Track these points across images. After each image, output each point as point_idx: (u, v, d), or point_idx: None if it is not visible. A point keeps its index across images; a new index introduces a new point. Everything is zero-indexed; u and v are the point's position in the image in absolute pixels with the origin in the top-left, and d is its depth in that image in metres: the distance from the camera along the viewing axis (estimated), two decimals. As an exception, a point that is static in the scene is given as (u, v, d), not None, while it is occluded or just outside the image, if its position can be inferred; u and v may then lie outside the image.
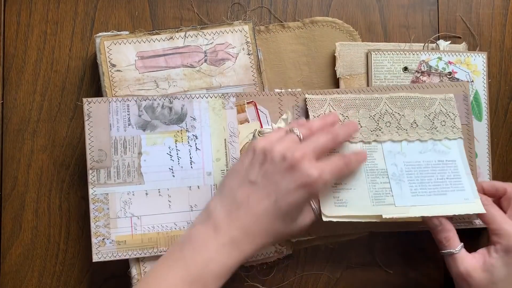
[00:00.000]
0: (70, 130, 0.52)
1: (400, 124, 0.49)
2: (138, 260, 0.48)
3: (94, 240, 0.47)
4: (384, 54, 0.53)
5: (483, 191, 0.48)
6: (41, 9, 0.53)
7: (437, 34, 0.56)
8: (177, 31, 0.51)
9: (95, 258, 0.47)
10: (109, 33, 0.50)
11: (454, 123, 0.50)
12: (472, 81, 0.54)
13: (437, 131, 0.49)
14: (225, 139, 0.50)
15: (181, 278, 0.39)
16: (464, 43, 0.56)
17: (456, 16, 0.57)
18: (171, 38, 0.51)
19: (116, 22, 0.53)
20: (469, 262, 0.44)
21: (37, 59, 0.52)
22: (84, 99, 0.48)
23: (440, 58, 0.53)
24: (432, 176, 0.48)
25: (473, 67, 0.54)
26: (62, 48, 0.53)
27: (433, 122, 0.49)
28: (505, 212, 0.46)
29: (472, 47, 0.56)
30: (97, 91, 0.52)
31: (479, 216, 0.46)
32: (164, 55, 0.51)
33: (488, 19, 0.57)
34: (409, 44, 0.54)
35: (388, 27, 0.56)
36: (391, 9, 0.56)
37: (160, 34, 0.51)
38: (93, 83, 0.53)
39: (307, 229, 0.44)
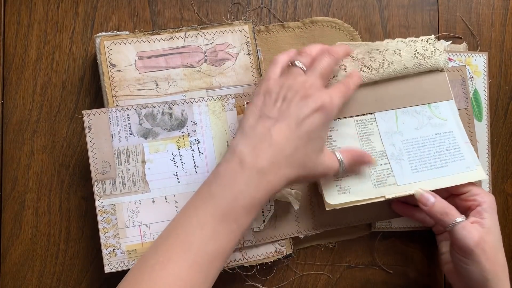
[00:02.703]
0: (70, 130, 0.52)
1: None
2: None
3: (104, 251, 0.47)
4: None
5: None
6: (41, 9, 0.53)
7: (437, 34, 0.56)
8: (177, 31, 0.51)
9: (107, 269, 0.47)
10: (109, 33, 0.50)
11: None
12: (472, 77, 0.54)
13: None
14: (227, 141, 0.50)
15: (211, 214, 0.39)
16: (464, 43, 0.56)
17: (456, 16, 0.57)
18: (171, 38, 0.51)
19: (116, 22, 0.53)
20: (476, 228, 0.44)
21: (37, 59, 0.52)
22: (84, 112, 0.47)
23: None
24: (431, 151, 0.48)
25: (474, 67, 0.54)
26: (62, 48, 0.53)
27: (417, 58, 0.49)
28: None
29: (472, 47, 0.56)
30: (97, 91, 0.52)
31: (455, 187, 0.46)
32: (164, 55, 0.51)
33: (488, 19, 0.57)
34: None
35: (388, 27, 0.56)
36: (391, 9, 0.56)
37: (160, 34, 0.51)
38: (93, 83, 0.53)
39: (331, 173, 0.44)
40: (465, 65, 0.53)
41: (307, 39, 0.54)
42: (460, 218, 0.44)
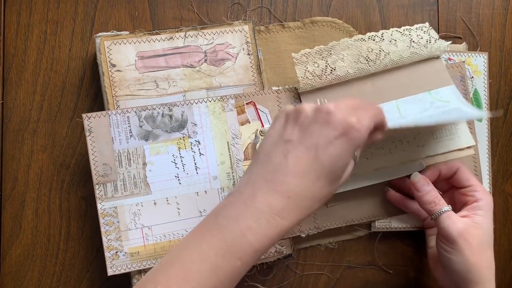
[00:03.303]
0: (70, 130, 0.52)
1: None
2: (140, 272, 0.48)
3: (107, 254, 0.47)
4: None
5: (440, 172, 0.48)
6: (41, 9, 0.53)
7: (437, 34, 0.56)
8: (177, 31, 0.51)
9: (109, 272, 0.47)
10: (109, 33, 0.50)
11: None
12: (472, 77, 0.54)
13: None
14: (227, 142, 0.50)
15: (215, 248, 0.35)
16: (464, 43, 0.56)
17: (456, 16, 0.56)
18: (171, 38, 0.51)
19: (116, 22, 0.53)
20: (463, 220, 0.45)
21: (37, 59, 0.52)
22: (84, 115, 0.47)
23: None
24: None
25: (474, 67, 0.54)
26: (62, 48, 0.53)
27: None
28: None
29: (472, 47, 0.56)
30: (97, 91, 0.52)
31: (457, 177, 0.47)
32: (164, 55, 0.51)
33: (488, 19, 0.57)
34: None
35: (388, 27, 0.55)
36: (391, 9, 0.56)
37: (160, 34, 0.51)
38: (93, 83, 0.53)
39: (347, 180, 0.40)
40: (464, 62, 0.53)
41: (307, 39, 0.54)
42: (446, 207, 0.45)
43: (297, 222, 0.37)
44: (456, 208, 0.48)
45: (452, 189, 0.49)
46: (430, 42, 0.50)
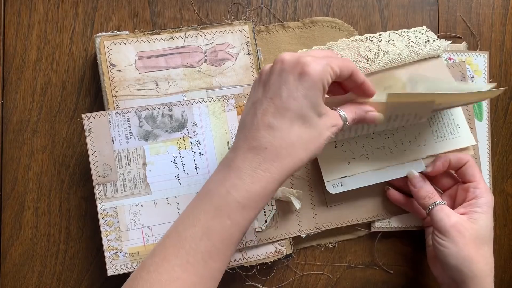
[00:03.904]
0: (70, 130, 0.52)
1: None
2: None
3: (107, 254, 0.47)
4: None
5: (450, 162, 0.48)
6: (41, 9, 0.53)
7: (437, 34, 0.56)
8: (177, 31, 0.51)
9: (109, 272, 0.47)
10: (109, 33, 0.50)
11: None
12: (473, 76, 0.54)
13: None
14: (228, 142, 0.50)
15: (204, 211, 0.36)
16: (464, 42, 0.56)
17: (456, 16, 0.56)
18: (171, 38, 0.51)
19: (116, 22, 0.53)
20: (458, 214, 0.45)
21: (37, 59, 0.52)
22: (84, 115, 0.47)
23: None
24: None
25: (474, 67, 0.54)
26: (62, 48, 0.53)
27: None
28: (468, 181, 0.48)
29: (472, 47, 0.56)
30: (97, 91, 0.52)
31: (464, 170, 0.47)
32: (164, 55, 0.50)
33: (488, 19, 0.57)
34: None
35: (388, 27, 0.56)
36: (391, 9, 0.56)
37: (160, 34, 0.51)
38: (93, 83, 0.53)
39: (336, 132, 0.39)
40: (464, 61, 0.53)
41: (307, 39, 0.54)
42: (440, 201, 0.46)
43: (285, 173, 0.37)
44: (456, 205, 0.48)
45: (455, 186, 0.49)
46: (429, 42, 0.50)
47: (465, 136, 0.50)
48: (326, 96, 0.42)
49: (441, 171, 0.48)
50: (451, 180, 0.50)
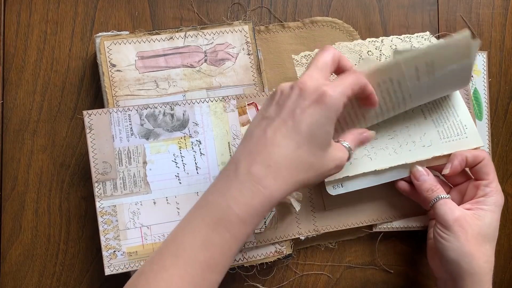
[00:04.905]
0: (70, 130, 0.52)
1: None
2: None
3: (105, 253, 0.47)
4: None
5: (467, 160, 0.48)
6: (41, 9, 0.53)
7: (437, 34, 0.56)
8: (177, 31, 0.51)
9: (107, 272, 0.47)
10: (109, 33, 0.50)
11: None
12: (472, 76, 0.54)
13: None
14: (228, 142, 0.50)
15: (204, 222, 0.37)
16: (464, 43, 0.56)
17: (456, 16, 0.57)
18: (171, 38, 0.51)
19: (116, 22, 0.53)
20: (462, 209, 0.45)
21: (37, 59, 0.52)
22: (84, 112, 0.47)
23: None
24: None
25: (474, 66, 0.54)
26: (62, 48, 0.53)
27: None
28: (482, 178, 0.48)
29: (472, 47, 0.56)
30: (97, 91, 0.52)
31: (478, 168, 0.47)
32: (164, 55, 0.51)
33: (488, 19, 0.57)
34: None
35: (388, 27, 0.56)
36: (391, 9, 0.56)
37: (160, 34, 0.51)
38: (93, 83, 0.53)
39: (342, 166, 0.41)
40: None
41: (307, 39, 0.54)
42: (444, 195, 0.46)
43: (282, 192, 0.37)
44: (464, 201, 0.48)
45: (466, 182, 0.49)
46: None
47: (473, 137, 0.49)
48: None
49: (459, 171, 0.47)
50: (463, 176, 0.49)
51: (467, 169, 0.49)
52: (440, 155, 0.48)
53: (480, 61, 0.55)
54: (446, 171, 0.47)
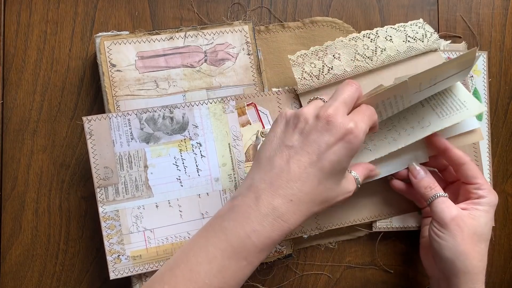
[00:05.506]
0: (70, 130, 0.52)
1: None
2: (141, 276, 0.48)
3: (109, 258, 0.47)
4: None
5: (448, 149, 0.47)
6: (41, 9, 0.53)
7: (437, 34, 0.56)
8: (177, 31, 0.51)
9: (112, 276, 0.47)
10: (109, 33, 0.50)
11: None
12: (472, 76, 0.54)
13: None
14: (229, 144, 0.50)
15: (221, 250, 0.37)
16: (464, 42, 0.56)
17: (456, 16, 0.57)
18: (171, 38, 0.51)
19: (116, 22, 0.53)
20: (459, 209, 0.45)
21: (37, 59, 0.52)
22: (84, 118, 0.47)
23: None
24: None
25: (473, 66, 0.54)
26: (62, 48, 0.53)
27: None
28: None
29: (471, 47, 0.56)
30: (97, 91, 0.52)
31: (464, 170, 0.46)
32: (164, 55, 0.50)
33: (488, 19, 0.57)
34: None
35: (388, 27, 0.56)
36: (391, 9, 0.56)
37: (160, 34, 0.51)
38: (93, 83, 0.53)
39: (349, 198, 0.42)
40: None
41: (307, 39, 0.54)
42: (441, 193, 0.46)
43: (298, 224, 0.39)
44: (459, 201, 0.48)
45: (459, 181, 0.49)
46: (426, 36, 0.50)
47: (473, 106, 0.47)
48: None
49: (441, 148, 0.47)
50: (454, 174, 0.49)
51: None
52: (441, 129, 0.47)
53: (480, 61, 0.55)
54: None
